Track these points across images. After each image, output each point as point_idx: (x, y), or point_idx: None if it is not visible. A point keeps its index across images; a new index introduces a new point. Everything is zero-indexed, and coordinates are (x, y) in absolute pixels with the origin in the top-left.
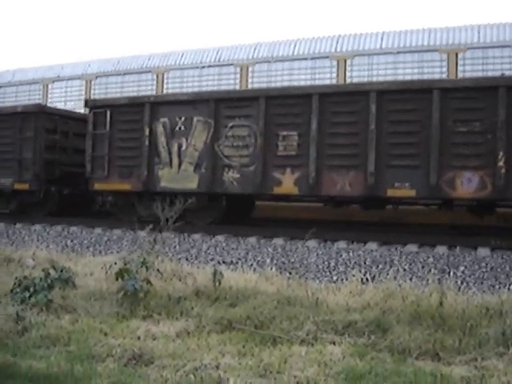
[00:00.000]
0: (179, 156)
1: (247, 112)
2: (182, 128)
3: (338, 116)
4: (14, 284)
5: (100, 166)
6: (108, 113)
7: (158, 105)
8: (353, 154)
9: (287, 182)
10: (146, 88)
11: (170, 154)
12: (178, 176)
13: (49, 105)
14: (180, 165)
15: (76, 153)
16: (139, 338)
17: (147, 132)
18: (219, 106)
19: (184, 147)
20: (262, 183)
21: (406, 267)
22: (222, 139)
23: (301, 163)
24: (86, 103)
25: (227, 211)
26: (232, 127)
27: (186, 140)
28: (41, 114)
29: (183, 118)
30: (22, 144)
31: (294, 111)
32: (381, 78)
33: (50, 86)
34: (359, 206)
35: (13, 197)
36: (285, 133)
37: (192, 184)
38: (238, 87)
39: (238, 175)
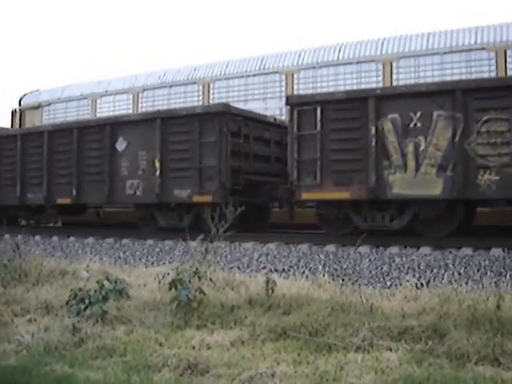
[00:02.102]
0: (416, 158)
1: (506, 103)
2: (418, 125)
3: None
4: (70, 296)
5: (310, 172)
6: (318, 110)
7: (385, 99)
8: None
9: None
10: (192, 99)
11: (403, 155)
12: (416, 181)
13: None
14: (417, 168)
15: (256, 159)
16: (194, 347)
17: (373, 131)
18: (468, 98)
19: (422, 147)
20: None
21: (461, 271)
22: (474, 136)
23: None
24: (288, 100)
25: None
26: (486, 122)
27: (425, 138)
28: (226, 114)
29: (419, 114)
30: (202, 150)
31: None
32: (428, 80)
33: (98, 101)
34: None
35: (188, 211)
36: None
37: (435, 190)
38: (283, 94)
39: (496, 177)
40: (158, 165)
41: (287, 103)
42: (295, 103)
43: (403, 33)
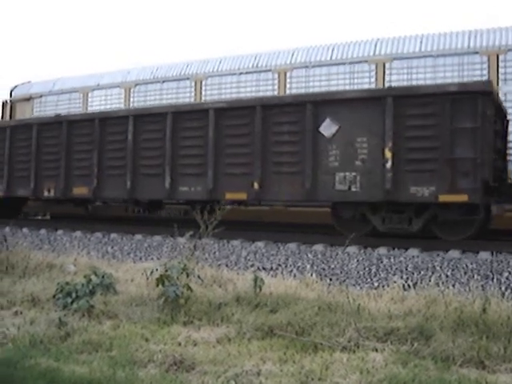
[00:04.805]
0: None
1: None
2: None
3: None
4: (57, 290)
5: None
6: None
7: None
8: None
9: None
10: (184, 95)
11: None
12: None
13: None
14: None
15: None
16: (180, 343)
17: None
18: None
19: None
20: None
21: (449, 273)
22: None
23: None
24: None
25: None
26: None
27: None
28: (490, 94)
29: None
30: (454, 138)
31: None
32: (420, 82)
33: (89, 95)
34: None
35: (418, 213)
36: None
37: None
38: (276, 93)
39: None
40: (389, 155)
41: None
42: None
43: (397, 34)
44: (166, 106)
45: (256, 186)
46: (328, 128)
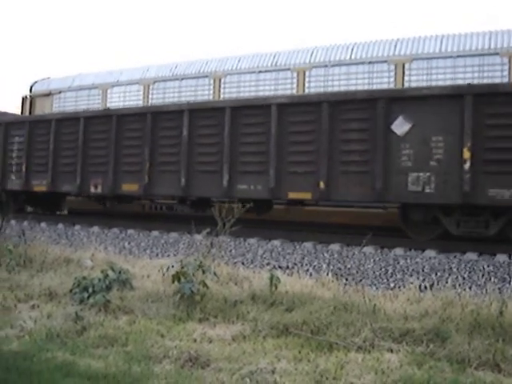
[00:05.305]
0: None
1: None
2: None
3: None
4: (73, 284)
5: None
6: None
7: None
8: None
9: None
10: (202, 93)
11: None
12: None
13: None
14: None
15: None
16: (195, 340)
17: None
18: None
19: None
20: None
21: (466, 275)
22: None
23: None
24: None
25: None
26: None
27: None
28: None
29: None
30: None
31: None
32: (440, 83)
33: (108, 91)
34: None
35: (496, 216)
36: None
37: None
38: (294, 92)
39: None
40: (467, 155)
41: None
42: None
43: (417, 34)
44: (224, 101)
45: (322, 185)
46: (401, 126)
